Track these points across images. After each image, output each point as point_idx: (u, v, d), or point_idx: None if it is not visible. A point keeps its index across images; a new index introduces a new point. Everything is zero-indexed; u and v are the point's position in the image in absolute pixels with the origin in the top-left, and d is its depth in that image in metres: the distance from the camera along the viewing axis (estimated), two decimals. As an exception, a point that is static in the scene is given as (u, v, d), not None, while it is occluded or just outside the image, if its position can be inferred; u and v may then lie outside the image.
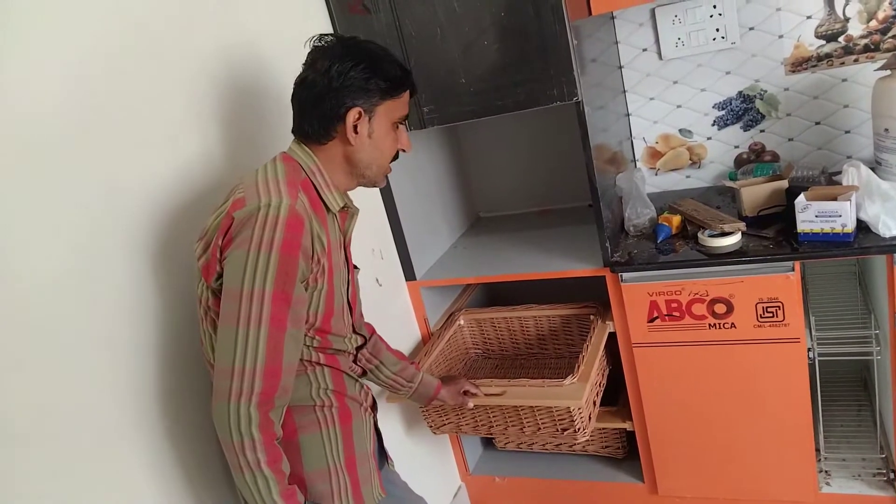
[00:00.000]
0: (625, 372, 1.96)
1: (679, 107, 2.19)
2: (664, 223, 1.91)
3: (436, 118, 1.84)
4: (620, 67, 2.20)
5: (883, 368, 1.82)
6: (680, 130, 2.22)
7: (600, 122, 1.89)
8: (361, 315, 1.48)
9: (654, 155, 2.28)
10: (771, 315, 1.73)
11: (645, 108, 2.23)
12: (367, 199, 1.99)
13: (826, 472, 1.96)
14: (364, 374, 1.47)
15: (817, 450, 1.90)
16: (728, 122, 2.16)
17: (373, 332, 1.59)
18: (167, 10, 1.41)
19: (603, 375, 1.97)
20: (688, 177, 2.27)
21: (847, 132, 2.04)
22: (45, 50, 1.16)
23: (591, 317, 2.01)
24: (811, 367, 1.78)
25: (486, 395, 1.79)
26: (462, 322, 2.29)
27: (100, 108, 1.24)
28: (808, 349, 1.76)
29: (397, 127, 1.33)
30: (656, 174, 2.30)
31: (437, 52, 1.78)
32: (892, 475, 1.88)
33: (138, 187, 1.30)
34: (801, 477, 1.88)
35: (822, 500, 1.91)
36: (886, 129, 1.72)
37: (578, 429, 1.79)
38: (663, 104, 2.20)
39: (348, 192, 1.35)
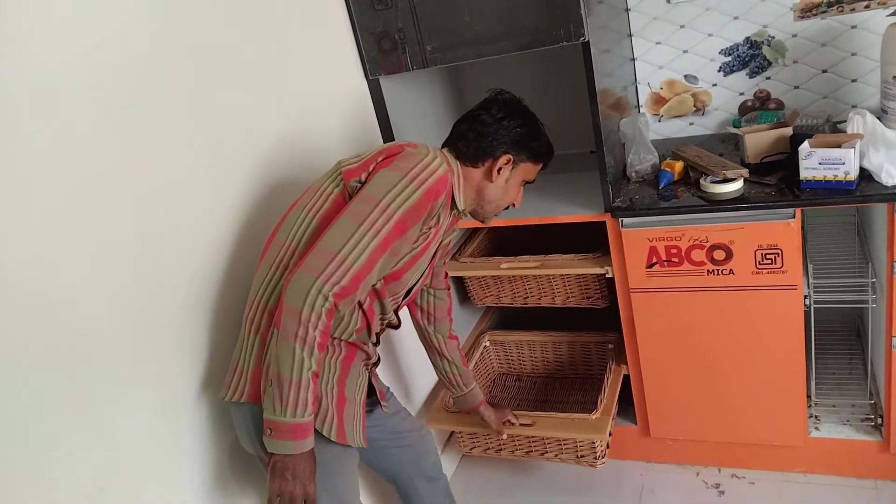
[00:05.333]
0: (622, 317, 1.98)
1: (685, 52, 2.16)
2: (666, 169, 1.90)
3: (438, 57, 1.81)
4: (627, 10, 2.16)
5: (878, 316, 1.84)
6: (685, 76, 2.19)
7: (605, 65, 1.86)
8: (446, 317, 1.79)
9: (659, 101, 2.26)
10: (770, 262, 1.74)
11: (650, 52, 2.20)
12: (364, 142, 1.98)
13: (816, 416, 2.00)
14: (378, 343, 1.53)
15: (808, 396, 1.94)
16: (734, 68, 2.14)
17: (455, 337, 1.84)
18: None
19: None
20: (691, 124, 2.26)
21: (854, 81, 2.02)
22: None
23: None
24: (807, 314, 1.80)
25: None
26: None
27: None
28: (805, 296, 1.77)
29: (522, 185, 1.55)
30: (659, 121, 2.29)
31: (441, -12, 1.74)
32: (879, 420, 1.92)
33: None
34: (792, 421, 1.92)
35: (810, 443, 1.96)
36: (895, 77, 1.70)
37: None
38: (669, 49, 2.17)
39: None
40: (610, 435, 1.98)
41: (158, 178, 1.33)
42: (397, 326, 1.55)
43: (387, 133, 2.03)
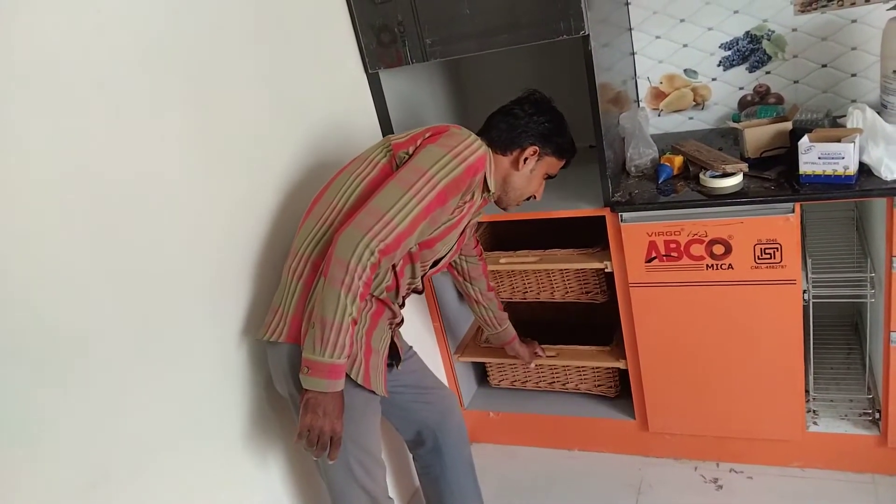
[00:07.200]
0: (620, 311, 1.98)
1: (685, 46, 2.16)
2: (666, 164, 1.90)
3: (438, 51, 1.81)
4: (627, 4, 2.15)
5: (876, 311, 1.84)
6: (685, 71, 2.19)
7: (605, 59, 1.85)
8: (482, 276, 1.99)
9: (658, 95, 2.25)
10: (769, 257, 1.74)
11: (650, 46, 2.19)
12: (364, 135, 1.98)
13: (814, 411, 2.00)
14: (403, 305, 1.64)
15: (806, 390, 1.94)
16: (734, 62, 2.13)
17: (493, 289, 2.04)
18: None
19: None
20: (690, 118, 2.25)
21: (853, 75, 2.02)
22: None
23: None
24: (805, 309, 1.80)
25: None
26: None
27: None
28: (804, 291, 1.77)
29: (544, 179, 1.67)
30: (659, 115, 2.28)
31: (441, -19, 1.74)
32: (877, 415, 1.93)
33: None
34: (790, 416, 1.93)
35: (808, 438, 1.96)
36: (895, 71, 1.70)
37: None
38: (669, 43, 2.17)
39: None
40: (624, 370, 2.11)
41: (189, 168, 1.42)
42: (421, 292, 1.66)
43: (386, 127, 2.03)
